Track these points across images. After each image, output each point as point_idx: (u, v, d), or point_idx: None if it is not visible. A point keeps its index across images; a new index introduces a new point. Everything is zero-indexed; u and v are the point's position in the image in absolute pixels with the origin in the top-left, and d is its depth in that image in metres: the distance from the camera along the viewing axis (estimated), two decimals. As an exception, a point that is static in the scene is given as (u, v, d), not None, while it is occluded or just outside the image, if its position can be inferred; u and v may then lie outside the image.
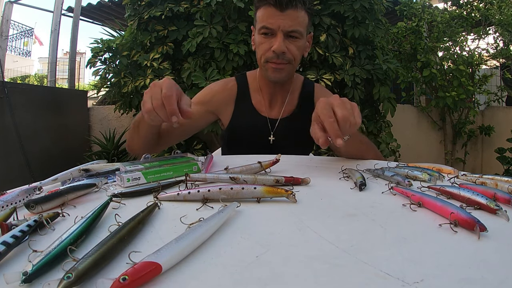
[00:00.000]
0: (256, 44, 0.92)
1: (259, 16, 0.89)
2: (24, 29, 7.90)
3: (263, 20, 0.86)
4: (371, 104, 2.60)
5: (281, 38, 0.85)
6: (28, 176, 2.51)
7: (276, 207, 0.45)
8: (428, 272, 0.28)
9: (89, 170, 0.62)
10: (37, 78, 9.82)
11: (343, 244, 0.33)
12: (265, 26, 0.86)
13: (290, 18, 0.84)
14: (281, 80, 0.94)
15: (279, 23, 0.84)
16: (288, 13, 0.84)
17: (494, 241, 0.34)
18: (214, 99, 0.99)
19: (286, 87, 1.00)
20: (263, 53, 0.89)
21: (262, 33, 0.88)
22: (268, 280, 0.27)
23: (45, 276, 0.27)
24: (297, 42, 0.88)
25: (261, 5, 0.87)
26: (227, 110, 1.00)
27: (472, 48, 3.67)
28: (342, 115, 0.58)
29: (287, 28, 0.85)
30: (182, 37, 2.26)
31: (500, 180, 0.52)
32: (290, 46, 0.87)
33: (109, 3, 3.76)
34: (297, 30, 0.86)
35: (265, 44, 0.88)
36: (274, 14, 0.84)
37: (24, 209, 0.42)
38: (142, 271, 0.25)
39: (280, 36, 0.85)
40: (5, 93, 2.44)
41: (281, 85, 0.98)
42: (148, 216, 0.39)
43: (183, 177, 0.54)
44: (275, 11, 0.84)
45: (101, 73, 2.52)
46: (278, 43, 0.85)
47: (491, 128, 3.76)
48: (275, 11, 0.84)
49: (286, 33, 0.86)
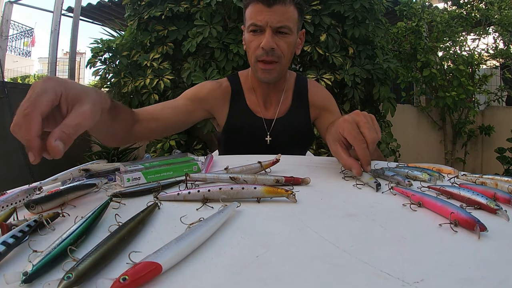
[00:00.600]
0: (246, 43, 0.91)
1: (247, 14, 0.88)
2: (24, 29, 7.90)
3: (251, 17, 0.86)
4: (371, 104, 2.60)
5: (270, 34, 0.84)
6: (28, 176, 2.51)
7: (276, 207, 0.45)
8: (428, 272, 0.28)
9: (89, 170, 0.62)
10: (36, 79, 9.81)
11: (343, 244, 0.33)
12: (254, 23, 0.85)
13: (278, 13, 0.84)
14: (272, 81, 0.93)
15: (267, 19, 0.83)
16: (276, 9, 0.84)
17: (494, 241, 0.34)
18: (209, 97, 0.96)
19: (279, 87, 0.99)
20: (252, 51, 0.88)
21: (251, 30, 0.87)
22: (268, 280, 0.27)
23: (45, 276, 0.27)
24: (287, 38, 0.87)
25: (249, 3, 0.87)
26: (223, 110, 0.98)
27: (472, 48, 3.67)
28: (372, 137, 0.56)
29: (275, 24, 0.84)
30: (182, 37, 2.26)
31: (500, 180, 0.52)
32: (280, 42, 0.86)
33: (109, 3, 3.76)
34: (285, 26, 0.85)
35: (254, 42, 0.87)
36: (262, 10, 0.84)
37: (24, 209, 0.42)
38: (142, 271, 0.25)
39: (268, 32, 0.84)
40: (5, 93, 2.44)
41: (274, 85, 0.97)
42: (148, 216, 0.39)
43: (183, 177, 0.54)
44: (262, 8, 0.84)
45: (101, 73, 2.52)
46: (266, 39, 0.84)
47: (491, 128, 3.76)
48: (263, 8, 0.84)
49: (275, 29, 0.85)
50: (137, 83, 2.28)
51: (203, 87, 0.98)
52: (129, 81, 2.34)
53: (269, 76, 0.90)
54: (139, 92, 2.31)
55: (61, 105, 0.40)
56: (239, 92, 1.00)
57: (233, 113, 0.98)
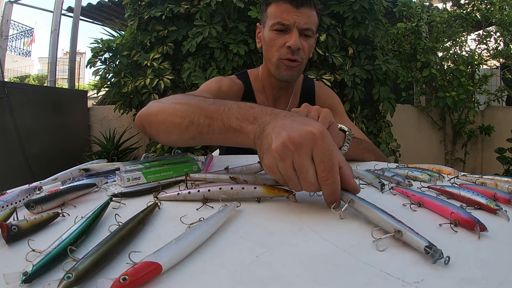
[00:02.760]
0: (267, 41, 0.90)
1: (271, 12, 0.87)
2: (24, 29, 7.90)
3: (277, 16, 0.85)
4: (371, 104, 2.60)
5: (297, 34, 0.85)
6: (28, 176, 2.51)
7: (276, 207, 0.45)
8: (428, 272, 0.28)
9: (89, 170, 0.62)
10: (35, 79, 9.77)
11: (343, 244, 0.33)
12: (280, 22, 0.85)
13: (305, 15, 0.85)
14: (292, 79, 0.93)
15: (295, 19, 0.84)
16: (303, 11, 0.84)
17: (494, 241, 0.34)
18: (229, 93, 0.93)
19: (289, 89, 1.00)
20: (276, 49, 0.88)
21: (276, 29, 0.87)
22: (268, 280, 0.27)
23: (45, 276, 0.27)
24: (309, 41, 0.88)
25: (274, 1, 0.87)
26: None
27: (472, 48, 3.67)
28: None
29: (302, 25, 0.85)
30: (182, 37, 2.26)
31: (500, 180, 0.52)
32: (304, 44, 0.87)
33: (109, 3, 3.76)
34: (310, 28, 0.86)
35: (278, 40, 0.87)
36: (289, 10, 0.84)
37: (24, 209, 0.42)
38: (142, 271, 0.25)
39: (295, 32, 0.85)
40: (5, 93, 2.44)
41: (285, 87, 0.98)
42: (148, 216, 0.39)
43: (183, 177, 0.54)
44: (290, 8, 0.84)
45: (101, 73, 2.52)
46: (294, 39, 0.84)
47: (491, 128, 3.76)
48: (291, 8, 0.84)
49: (301, 30, 0.85)
50: (137, 83, 2.28)
51: (223, 82, 0.95)
52: (129, 81, 2.34)
53: (291, 73, 0.90)
54: (139, 92, 2.31)
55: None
56: (249, 91, 1.00)
57: None
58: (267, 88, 0.99)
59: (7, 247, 0.32)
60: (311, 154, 0.38)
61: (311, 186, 0.39)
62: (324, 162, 0.38)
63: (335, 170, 0.38)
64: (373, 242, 0.32)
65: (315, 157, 0.38)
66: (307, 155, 0.38)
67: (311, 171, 0.38)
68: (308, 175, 0.38)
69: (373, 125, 2.55)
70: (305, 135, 0.38)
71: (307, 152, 0.38)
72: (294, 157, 0.38)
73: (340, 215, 0.40)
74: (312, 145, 0.38)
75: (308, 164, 0.38)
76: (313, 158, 0.38)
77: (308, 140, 0.38)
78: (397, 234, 0.32)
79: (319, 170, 0.38)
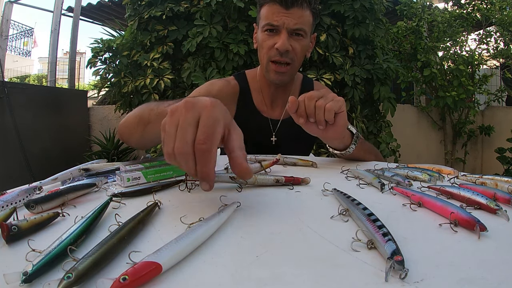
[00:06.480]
0: (259, 42, 0.91)
1: (263, 13, 0.88)
2: (24, 29, 7.90)
3: (268, 17, 0.86)
4: (371, 104, 2.60)
5: (286, 35, 0.84)
6: (28, 176, 2.51)
7: (276, 207, 0.45)
8: (428, 272, 0.28)
9: (89, 169, 0.62)
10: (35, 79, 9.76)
11: (343, 244, 0.33)
12: (270, 23, 0.85)
13: (295, 16, 0.84)
14: (283, 83, 0.93)
15: (284, 20, 0.84)
16: (293, 11, 0.84)
17: (494, 241, 0.34)
18: (220, 95, 0.94)
19: (287, 89, 1.00)
20: (266, 51, 0.88)
21: (266, 30, 0.87)
22: (268, 280, 0.27)
23: (45, 276, 0.27)
24: (301, 41, 0.88)
25: (266, 2, 0.87)
26: (230, 109, 0.98)
27: (473, 48, 3.67)
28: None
29: (292, 26, 0.84)
30: (182, 37, 2.26)
31: (500, 180, 0.52)
32: (295, 44, 0.86)
33: (109, 3, 3.76)
34: (301, 29, 0.85)
35: (268, 42, 0.87)
36: (279, 11, 0.84)
37: (24, 209, 0.42)
38: (142, 271, 0.25)
39: (284, 33, 0.84)
40: (5, 93, 2.44)
41: (283, 87, 0.98)
42: (148, 216, 0.39)
43: (183, 177, 0.54)
44: (280, 9, 0.84)
45: (101, 73, 2.53)
46: (282, 40, 0.84)
47: (491, 128, 3.76)
48: (280, 9, 0.84)
49: (291, 31, 0.85)
50: (137, 83, 2.28)
51: (214, 85, 0.97)
52: (129, 81, 2.34)
53: (281, 77, 0.90)
54: (139, 92, 2.31)
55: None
56: (246, 91, 0.99)
57: (240, 112, 0.98)
58: (265, 88, 0.99)
59: (7, 247, 0.32)
60: (198, 118, 0.37)
61: (184, 146, 0.36)
62: (205, 126, 0.37)
63: (214, 138, 0.37)
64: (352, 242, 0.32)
65: (200, 121, 0.37)
66: (193, 116, 0.37)
67: (190, 130, 0.37)
68: (186, 133, 0.37)
69: (373, 125, 2.55)
70: (198, 101, 0.38)
71: (195, 115, 0.37)
72: (181, 114, 0.37)
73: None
74: (202, 110, 0.38)
75: (190, 123, 0.37)
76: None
77: (199, 105, 0.38)
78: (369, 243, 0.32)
79: (199, 132, 0.37)
